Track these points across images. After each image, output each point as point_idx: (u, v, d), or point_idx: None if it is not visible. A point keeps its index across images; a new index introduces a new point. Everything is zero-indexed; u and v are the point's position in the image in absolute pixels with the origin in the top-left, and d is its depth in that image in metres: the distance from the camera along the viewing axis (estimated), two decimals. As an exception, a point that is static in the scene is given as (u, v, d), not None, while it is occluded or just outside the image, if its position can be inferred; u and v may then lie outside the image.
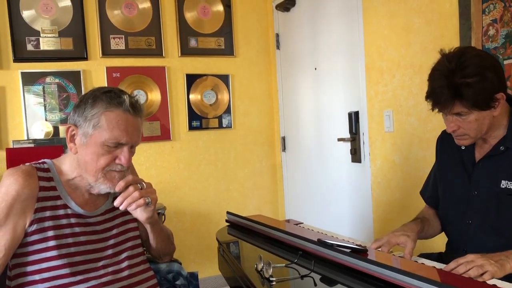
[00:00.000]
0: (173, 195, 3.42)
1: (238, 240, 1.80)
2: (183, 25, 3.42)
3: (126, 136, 1.31)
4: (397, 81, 2.36)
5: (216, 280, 3.44)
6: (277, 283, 1.20)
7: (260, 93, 3.71)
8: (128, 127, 1.31)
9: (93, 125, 1.29)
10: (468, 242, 1.47)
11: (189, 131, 3.47)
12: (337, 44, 2.86)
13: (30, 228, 1.27)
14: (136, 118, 1.35)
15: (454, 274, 1.15)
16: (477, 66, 1.30)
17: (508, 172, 1.36)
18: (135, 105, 1.34)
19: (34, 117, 3.05)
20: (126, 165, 1.33)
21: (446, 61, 1.35)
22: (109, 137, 1.29)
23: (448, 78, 1.32)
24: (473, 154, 1.49)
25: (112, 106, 1.30)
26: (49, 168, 1.37)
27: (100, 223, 1.39)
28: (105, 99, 1.30)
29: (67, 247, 1.30)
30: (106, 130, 1.29)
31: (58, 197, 1.33)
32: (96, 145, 1.30)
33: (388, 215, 2.51)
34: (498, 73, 1.34)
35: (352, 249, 1.30)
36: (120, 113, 1.31)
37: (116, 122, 1.30)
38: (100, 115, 1.29)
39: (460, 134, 1.41)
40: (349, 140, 2.74)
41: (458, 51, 1.37)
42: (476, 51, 1.40)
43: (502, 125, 1.40)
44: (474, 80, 1.29)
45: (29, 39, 3.02)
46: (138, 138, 1.37)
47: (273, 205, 3.77)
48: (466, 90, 1.29)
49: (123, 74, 3.25)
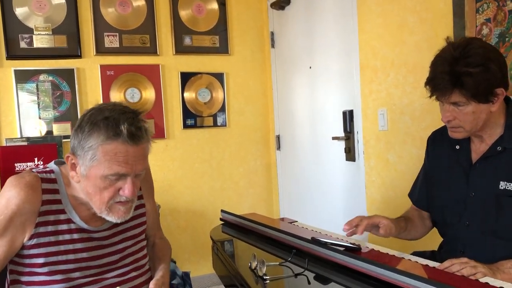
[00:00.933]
0: (168, 193, 3.42)
1: (232, 239, 1.80)
2: (178, 23, 3.41)
3: (126, 168, 1.20)
4: (391, 79, 2.36)
5: (210, 279, 3.44)
6: (271, 282, 1.21)
7: (255, 91, 3.71)
8: (129, 159, 1.20)
9: (91, 158, 1.19)
10: (466, 243, 1.45)
11: (184, 129, 3.46)
12: (331, 43, 2.86)
13: (30, 242, 1.23)
14: (139, 146, 1.22)
15: (446, 272, 1.16)
16: (482, 57, 1.28)
17: (507, 173, 1.35)
18: (136, 134, 1.20)
19: (28, 115, 3.03)
20: (130, 196, 1.24)
21: (452, 48, 1.33)
22: (108, 172, 1.19)
23: (451, 65, 1.30)
24: (469, 155, 1.47)
25: (109, 139, 1.17)
26: (55, 178, 1.30)
27: (105, 238, 1.35)
28: (102, 128, 1.18)
29: (66, 263, 1.26)
30: (103, 164, 1.18)
31: (62, 211, 1.27)
32: (96, 178, 1.20)
33: (382, 213, 2.49)
34: (502, 67, 1.32)
35: (345, 247, 1.30)
36: (119, 145, 1.18)
37: (114, 155, 1.18)
38: (97, 148, 1.18)
39: (455, 126, 1.39)
40: (344, 138, 2.74)
41: (464, 41, 1.35)
42: (483, 43, 1.38)
43: (499, 123, 1.39)
44: (477, 70, 1.27)
45: (22, 36, 3.01)
46: (143, 166, 1.25)
47: (267, 203, 3.77)
48: (467, 79, 1.28)
49: (117, 72, 3.24)
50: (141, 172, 1.26)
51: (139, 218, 1.46)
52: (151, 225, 1.55)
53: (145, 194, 1.51)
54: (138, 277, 1.40)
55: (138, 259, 1.43)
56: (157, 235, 1.61)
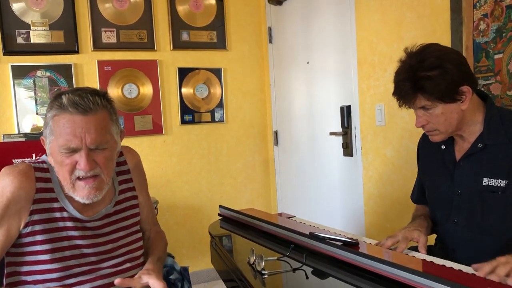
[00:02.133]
0: (166, 189, 3.42)
1: (230, 234, 1.80)
2: (175, 19, 3.40)
3: (75, 140, 1.19)
4: (389, 75, 2.36)
5: (209, 274, 3.45)
6: (269, 276, 1.21)
7: (253, 87, 3.70)
8: (76, 129, 1.19)
9: (49, 133, 1.22)
10: (455, 241, 1.48)
11: (182, 125, 3.46)
12: (329, 38, 2.86)
13: (25, 230, 1.25)
14: (87, 116, 1.20)
15: (443, 267, 1.17)
16: (437, 58, 1.32)
17: (489, 169, 1.37)
18: (78, 102, 1.18)
19: (25, 111, 3.02)
20: (85, 170, 1.21)
21: (407, 57, 1.39)
22: (60, 144, 1.20)
23: (409, 72, 1.35)
24: (453, 154, 1.50)
25: (56, 109, 1.20)
26: (48, 168, 1.31)
27: (99, 228, 1.36)
28: (54, 103, 1.21)
29: (61, 250, 1.27)
30: (56, 136, 1.20)
31: (55, 200, 1.29)
32: (56, 153, 1.22)
33: (379, 208, 2.53)
34: (461, 66, 1.35)
35: (343, 242, 1.31)
36: (66, 116, 1.19)
37: (62, 126, 1.19)
38: (50, 121, 1.21)
39: (430, 130, 1.43)
40: (341, 134, 2.75)
41: (420, 48, 1.40)
42: (440, 46, 1.41)
43: (477, 121, 1.41)
44: (434, 73, 1.31)
45: (19, 32, 2.99)
46: (98, 139, 1.22)
47: (265, 198, 3.78)
48: (426, 83, 1.32)
49: (114, 68, 3.23)
50: (97, 145, 1.22)
51: (132, 210, 1.47)
52: (145, 219, 1.55)
53: (137, 186, 1.51)
54: (132, 268, 1.40)
55: (132, 250, 1.43)
56: (152, 229, 1.60)
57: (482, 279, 1.06)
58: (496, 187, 1.34)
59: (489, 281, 1.04)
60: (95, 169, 1.24)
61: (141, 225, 1.52)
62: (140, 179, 1.54)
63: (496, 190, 1.34)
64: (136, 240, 1.46)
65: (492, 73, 1.79)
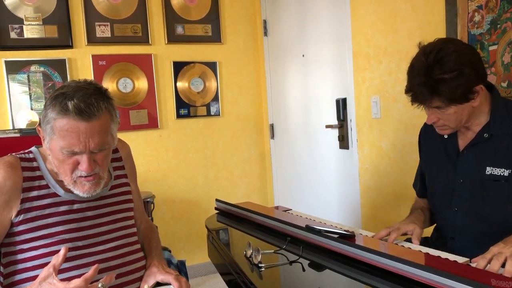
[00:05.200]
0: (162, 183, 3.42)
1: (227, 227, 1.81)
2: (170, 12, 3.38)
3: (79, 145, 1.21)
4: (384, 67, 2.37)
5: (206, 267, 3.46)
6: (266, 269, 1.22)
7: (248, 80, 3.70)
8: (80, 135, 1.20)
9: (50, 131, 1.22)
10: (455, 229, 1.49)
11: (177, 119, 3.45)
12: (324, 31, 2.86)
13: (17, 219, 1.27)
14: (90, 122, 1.21)
15: (438, 258, 1.17)
16: (455, 62, 1.31)
17: (493, 158, 1.38)
18: (84, 110, 1.19)
19: (19, 106, 3.01)
20: (87, 172, 1.24)
21: (423, 56, 1.36)
22: (63, 146, 1.21)
23: (426, 75, 1.33)
24: (456, 143, 1.51)
25: (60, 114, 1.19)
26: (34, 157, 1.35)
27: (92, 209, 1.37)
28: (56, 104, 1.20)
29: (56, 235, 1.29)
30: (58, 138, 1.21)
31: (45, 186, 1.31)
32: (56, 151, 1.24)
33: (375, 200, 2.54)
34: (477, 66, 1.34)
35: (339, 234, 1.31)
36: (70, 121, 1.19)
37: (65, 131, 1.20)
38: (53, 122, 1.21)
39: (440, 125, 1.44)
40: (337, 127, 2.75)
41: (436, 46, 1.36)
42: (456, 46, 1.37)
43: (484, 111, 1.41)
44: (451, 75, 1.30)
45: (12, 26, 2.97)
46: (100, 142, 1.24)
47: (262, 192, 3.78)
48: (443, 87, 1.31)
49: (109, 62, 3.21)
50: (100, 148, 1.25)
51: (125, 195, 1.48)
52: (137, 208, 1.58)
53: (129, 174, 1.55)
54: (130, 254, 1.41)
55: (128, 235, 1.44)
56: (143, 219, 1.63)
57: (476, 269, 1.07)
58: (499, 176, 1.35)
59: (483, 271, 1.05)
60: (95, 168, 1.27)
61: (134, 213, 1.54)
62: (131, 168, 1.59)
63: (499, 179, 1.35)
64: (131, 225, 1.48)
65: (487, 64, 1.80)
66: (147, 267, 1.42)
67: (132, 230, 1.47)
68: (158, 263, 1.42)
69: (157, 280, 1.35)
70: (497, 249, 1.13)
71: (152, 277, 1.36)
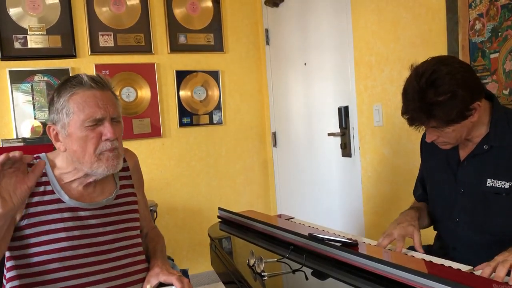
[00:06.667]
0: (165, 191, 3.42)
1: (230, 236, 1.81)
2: (172, 22, 3.41)
3: (100, 110, 1.29)
4: (386, 75, 2.37)
5: (209, 276, 3.45)
6: (269, 278, 1.22)
7: (251, 88, 3.71)
8: (98, 101, 1.29)
9: (66, 114, 1.28)
10: (456, 239, 1.48)
11: (180, 127, 3.46)
12: (326, 39, 2.87)
13: (21, 223, 1.27)
14: (104, 91, 1.32)
15: (442, 266, 1.17)
16: (449, 84, 1.29)
17: (493, 170, 1.37)
18: (96, 79, 1.31)
19: (23, 116, 3.02)
20: (113, 137, 1.30)
21: (415, 79, 1.34)
22: (84, 117, 1.27)
23: (420, 100, 1.32)
24: (457, 153, 1.50)
25: (74, 88, 1.29)
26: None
27: (96, 217, 1.37)
28: (67, 85, 1.30)
29: (59, 241, 1.29)
30: (78, 112, 1.27)
31: (51, 192, 1.32)
32: (77, 131, 1.28)
33: (378, 208, 2.53)
34: (471, 86, 1.32)
35: (342, 243, 1.31)
36: (86, 92, 1.29)
37: (84, 101, 1.28)
38: (68, 102, 1.28)
39: (441, 142, 1.44)
40: (339, 134, 2.76)
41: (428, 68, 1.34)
42: (449, 67, 1.33)
43: (484, 122, 1.40)
44: (445, 98, 1.28)
45: (16, 37, 3.00)
46: (116, 110, 1.34)
47: (264, 200, 3.78)
48: (437, 110, 1.30)
49: (112, 72, 3.23)
50: (117, 117, 1.34)
51: (130, 205, 1.49)
52: (143, 217, 1.59)
53: (136, 185, 1.56)
54: (131, 265, 1.41)
55: (131, 245, 1.43)
56: (150, 226, 1.65)
57: (481, 278, 1.07)
58: (500, 189, 1.34)
59: (487, 280, 1.05)
60: (115, 140, 1.32)
61: (140, 223, 1.55)
62: (138, 178, 1.59)
63: (500, 192, 1.34)
64: (135, 236, 1.47)
65: (489, 72, 1.80)
66: (151, 267, 1.43)
67: (136, 240, 1.47)
68: (162, 264, 1.42)
69: (160, 280, 1.36)
70: (502, 257, 1.12)
71: (154, 277, 1.37)
